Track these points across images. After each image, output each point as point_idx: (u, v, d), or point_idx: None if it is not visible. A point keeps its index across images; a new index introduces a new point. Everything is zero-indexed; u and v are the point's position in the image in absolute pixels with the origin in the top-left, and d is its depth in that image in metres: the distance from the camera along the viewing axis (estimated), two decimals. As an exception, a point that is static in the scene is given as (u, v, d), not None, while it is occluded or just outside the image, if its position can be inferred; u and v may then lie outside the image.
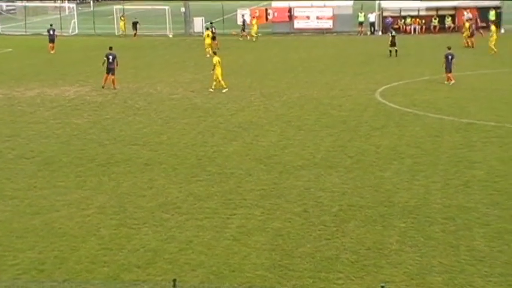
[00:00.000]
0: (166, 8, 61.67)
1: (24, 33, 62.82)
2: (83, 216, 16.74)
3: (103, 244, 15.03)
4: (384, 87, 33.41)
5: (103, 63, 33.94)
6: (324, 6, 60.61)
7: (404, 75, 36.92)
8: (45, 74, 37.83)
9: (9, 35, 62.16)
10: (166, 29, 60.64)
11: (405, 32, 57.25)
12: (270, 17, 60.40)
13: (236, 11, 62.63)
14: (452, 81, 33.48)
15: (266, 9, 61.93)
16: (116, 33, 54.27)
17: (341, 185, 18.88)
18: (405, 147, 22.69)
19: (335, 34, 55.45)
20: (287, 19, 58.89)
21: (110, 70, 33.77)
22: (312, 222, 16.18)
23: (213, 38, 46.99)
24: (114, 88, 33.61)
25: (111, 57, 33.78)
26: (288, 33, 58.54)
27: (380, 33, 49.93)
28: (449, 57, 33.55)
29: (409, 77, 35.11)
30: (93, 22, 62.50)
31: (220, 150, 22.70)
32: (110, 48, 34.48)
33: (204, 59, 43.97)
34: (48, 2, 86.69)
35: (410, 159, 21.25)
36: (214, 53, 33.61)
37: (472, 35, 48.77)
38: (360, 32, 57.77)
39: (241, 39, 55.23)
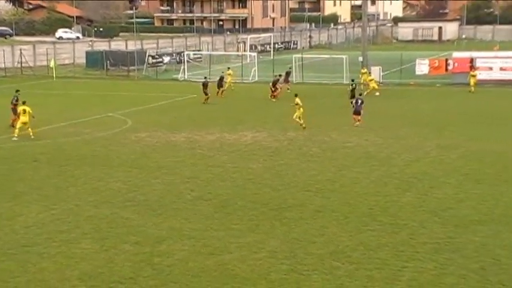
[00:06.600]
0: (344, 57, 62.24)
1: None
2: (255, 259, 17.05)
3: (273, 288, 15.20)
4: None
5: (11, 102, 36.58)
6: (509, 56, 58.43)
7: None
8: (224, 119, 39.28)
9: (194, 81, 65.39)
10: (343, 77, 61.11)
11: None
12: (449, 68, 59.14)
13: (415, 60, 61.97)
14: None
15: (446, 60, 60.67)
16: (288, 89, 55.50)
17: (522, 243, 17.91)
18: None
19: (519, 86, 53.18)
20: (468, 70, 57.32)
21: (14, 111, 36.07)
22: (490, 280, 15.44)
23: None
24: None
25: (14, 99, 36.62)
26: (468, 84, 56.96)
27: None
28: None
29: None
30: (273, 70, 64.29)
31: (393, 200, 22.34)
32: (16, 91, 37.49)
33: (380, 107, 43.75)
34: (231, 51, 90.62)
35: None
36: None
37: None
38: (547, 84, 55.04)
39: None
